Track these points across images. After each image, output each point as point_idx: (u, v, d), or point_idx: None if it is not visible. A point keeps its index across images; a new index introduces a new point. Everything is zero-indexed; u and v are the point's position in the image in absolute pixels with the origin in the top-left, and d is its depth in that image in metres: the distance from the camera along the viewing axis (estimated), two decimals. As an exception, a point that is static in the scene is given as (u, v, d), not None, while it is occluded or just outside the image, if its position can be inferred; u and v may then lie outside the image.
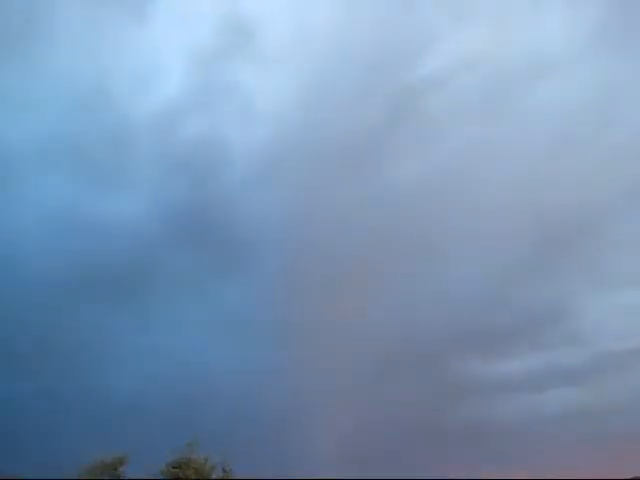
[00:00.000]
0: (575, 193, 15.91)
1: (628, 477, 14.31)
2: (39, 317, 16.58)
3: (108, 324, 16.65)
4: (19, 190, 18.18)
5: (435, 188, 16.47)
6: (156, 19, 17.59)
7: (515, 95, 16.46)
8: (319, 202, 17.02)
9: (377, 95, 16.93)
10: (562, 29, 15.93)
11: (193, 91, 17.62)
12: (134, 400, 15.80)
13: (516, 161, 16.11)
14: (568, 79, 15.97)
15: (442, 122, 16.68)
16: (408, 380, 16.84)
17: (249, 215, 17.68)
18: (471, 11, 16.77)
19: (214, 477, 11.26)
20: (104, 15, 17.11)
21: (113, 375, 16.06)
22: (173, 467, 11.26)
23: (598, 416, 16.08)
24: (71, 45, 16.98)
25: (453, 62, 16.76)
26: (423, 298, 16.85)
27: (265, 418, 15.78)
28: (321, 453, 16.02)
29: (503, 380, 16.93)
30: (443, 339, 16.69)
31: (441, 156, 16.51)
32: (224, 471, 11.44)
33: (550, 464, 16.08)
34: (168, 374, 16.92)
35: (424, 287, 16.89)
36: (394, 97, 16.85)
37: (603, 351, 16.57)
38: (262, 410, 15.68)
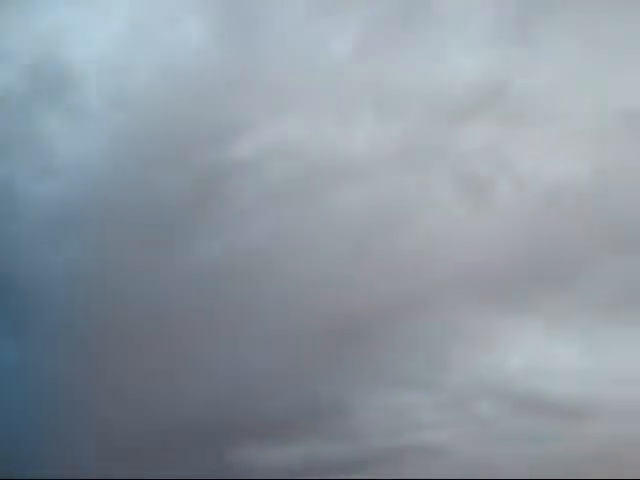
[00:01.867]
0: (367, 297, 16.84)
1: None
2: None
3: None
4: None
5: (231, 271, 16.56)
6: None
7: (320, 193, 17.28)
8: (110, 268, 16.37)
9: (188, 170, 16.88)
10: (371, 141, 17.33)
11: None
12: None
13: (314, 259, 16.77)
14: (367, 187, 17.24)
15: (249, 206, 17.00)
16: (179, 461, 16.27)
17: (33, 272, 16.48)
18: (293, 103, 17.59)
19: None
20: None
21: None
22: None
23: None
24: None
25: (267, 148, 17.30)
26: (207, 381, 16.59)
27: None
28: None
29: (275, 467, 16.84)
30: (221, 423, 16.43)
31: (243, 241, 16.72)
32: None
33: None
34: None
35: (210, 369, 16.67)
36: (204, 174, 16.91)
37: (374, 447, 17.19)
38: None
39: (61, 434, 15.86)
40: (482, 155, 17.06)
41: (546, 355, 16.69)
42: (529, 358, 16.80)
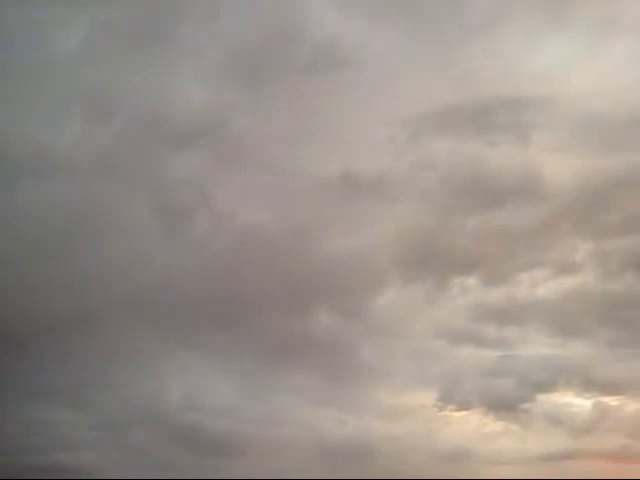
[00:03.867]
0: (30, 308, 15.92)
1: None
2: None
3: None
4: None
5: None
6: None
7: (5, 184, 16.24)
8: None
9: None
10: (73, 145, 16.64)
11: None
12: None
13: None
14: (61, 190, 16.53)
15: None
16: None
17: None
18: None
19: None
20: None
21: None
22: None
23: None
24: None
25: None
26: None
27: None
28: None
29: None
30: None
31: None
32: None
33: None
34: None
35: None
36: None
37: (15, 463, 16.06)
38: None
39: None
40: (185, 185, 17.06)
41: (205, 391, 16.89)
42: (189, 392, 16.90)
